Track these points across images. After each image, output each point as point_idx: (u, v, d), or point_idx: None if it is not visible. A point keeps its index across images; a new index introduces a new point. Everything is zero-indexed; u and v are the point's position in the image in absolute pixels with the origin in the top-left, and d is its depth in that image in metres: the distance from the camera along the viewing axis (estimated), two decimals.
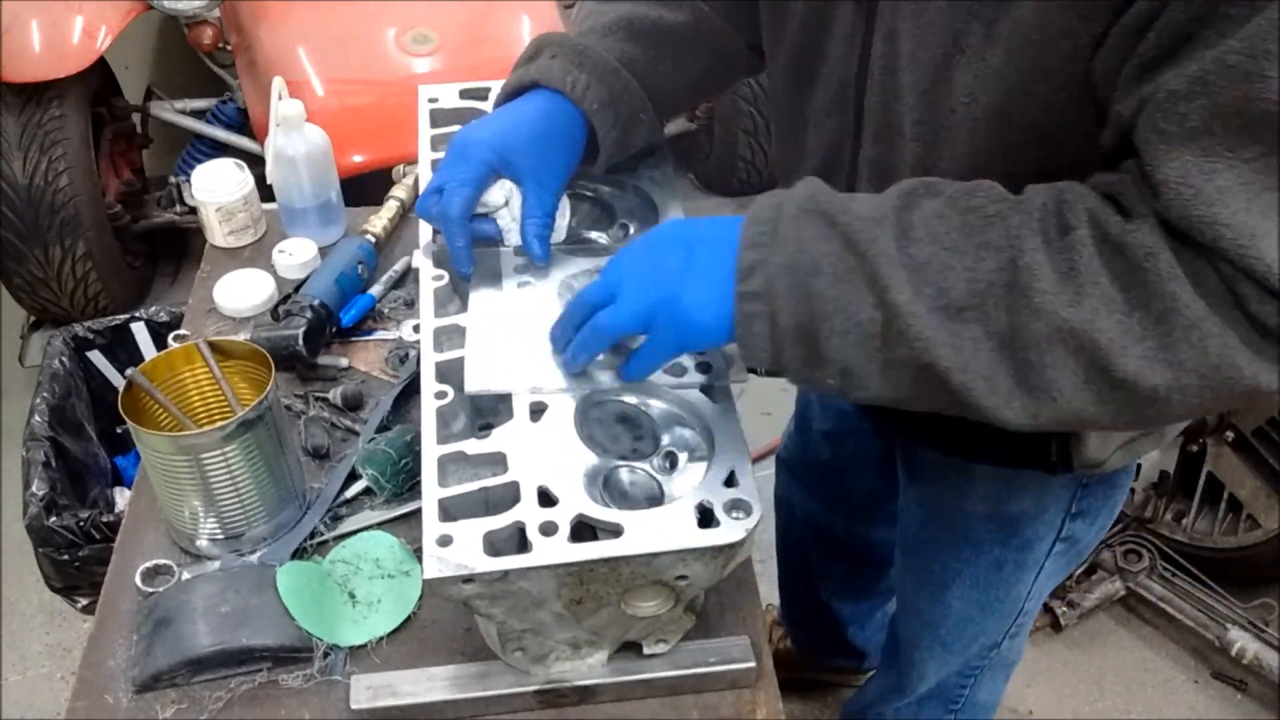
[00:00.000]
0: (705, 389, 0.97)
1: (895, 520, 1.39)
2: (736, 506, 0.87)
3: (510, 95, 1.08)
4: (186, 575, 1.13)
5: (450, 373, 0.99)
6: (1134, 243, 0.73)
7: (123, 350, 1.96)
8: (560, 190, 1.06)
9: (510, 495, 0.89)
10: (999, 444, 1.00)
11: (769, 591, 2.32)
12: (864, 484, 1.58)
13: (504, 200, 1.05)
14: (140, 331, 1.95)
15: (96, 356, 1.95)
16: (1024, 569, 1.26)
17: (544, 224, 1.05)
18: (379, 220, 1.56)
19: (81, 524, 1.67)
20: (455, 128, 1.22)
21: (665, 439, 0.96)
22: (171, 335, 1.40)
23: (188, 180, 2.39)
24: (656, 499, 0.91)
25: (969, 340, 0.77)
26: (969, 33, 0.82)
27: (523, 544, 0.86)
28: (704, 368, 0.98)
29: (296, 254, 1.51)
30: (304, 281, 1.42)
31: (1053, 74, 0.79)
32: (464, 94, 1.27)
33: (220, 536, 1.14)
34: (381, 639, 1.08)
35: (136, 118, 2.96)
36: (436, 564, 0.83)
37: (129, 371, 1.14)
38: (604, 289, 0.91)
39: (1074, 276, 0.75)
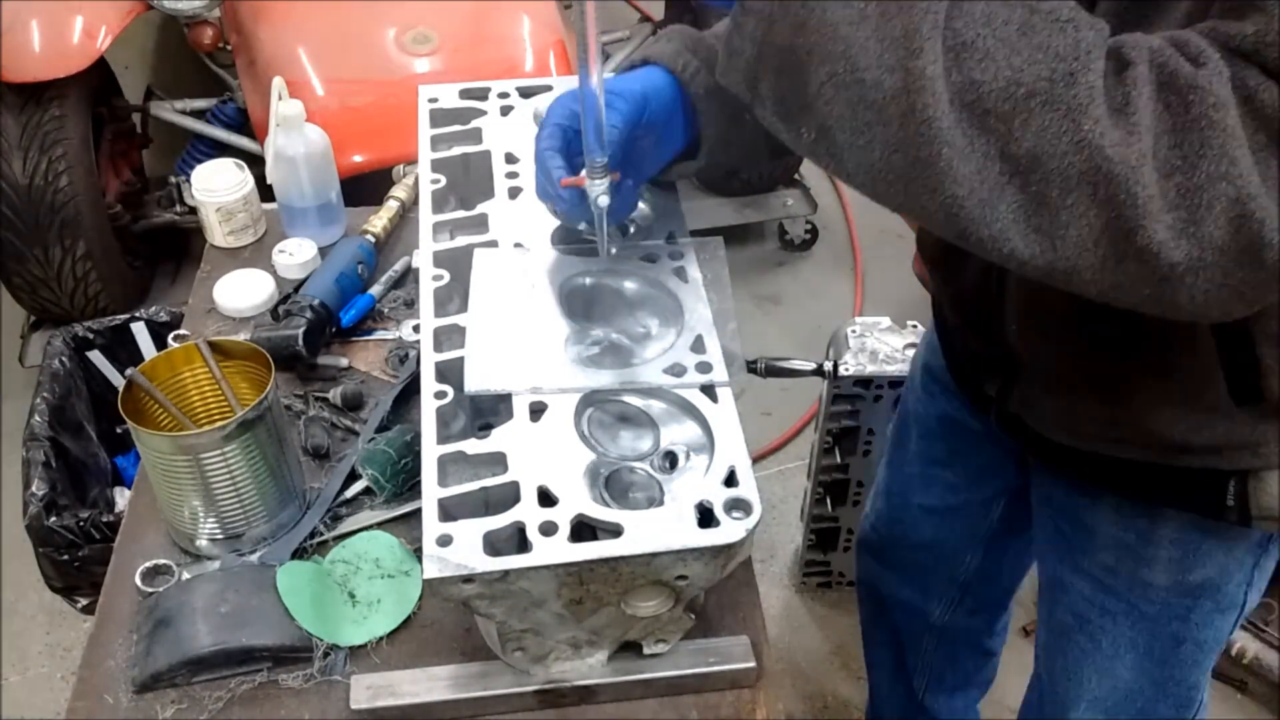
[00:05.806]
0: (705, 389, 0.97)
1: (1000, 603, 1.21)
2: (736, 506, 0.87)
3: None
4: (186, 575, 1.13)
5: (450, 373, 0.98)
6: (1202, 90, 0.65)
7: (123, 350, 1.96)
8: (646, 177, 0.99)
9: (510, 495, 0.89)
10: (1171, 484, 0.97)
11: (768, 591, 2.32)
12: (969, 565, 1.45)
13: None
14: (140, 331, 1.95)
15: (96, 356, 1.95)
16: (1203, 649, 1.16)
17: (627, 204, 0.96)
18: (379, 220, 1.56)
19: (81, 524, 1.67)
20: (455, 128, 1.23)
21: (665, 439, 0.96)
22: (171, 335, 1.41)
23: (188, 180, 2.39)
24: (656, 499, 0.91)
25: (979, 154, 0.67)
26: None
27: (523, 544, 0.86)
28: (704, 367, 0.98)
29: (296, 254, 1.51)
30: (304, 281, 1.42)
31: None
32: (464, 94, 1.27)
33: (220, 536, 1.14)
34: (381, 639, 1.08)
35: (136, 118, 2.95)
36: (436, 564, 0.83)
37: (129, 371, 1.14)
38: None
39: (1128, 115, 0.65)
